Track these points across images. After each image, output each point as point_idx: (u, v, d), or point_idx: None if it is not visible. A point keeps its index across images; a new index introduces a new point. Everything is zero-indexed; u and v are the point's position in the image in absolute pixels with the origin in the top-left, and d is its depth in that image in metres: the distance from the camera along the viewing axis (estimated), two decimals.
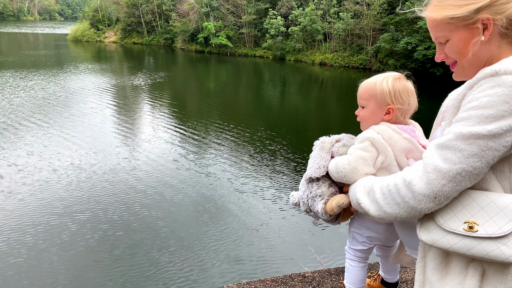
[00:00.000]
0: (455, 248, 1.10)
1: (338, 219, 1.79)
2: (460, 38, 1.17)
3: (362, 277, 1.99)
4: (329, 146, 1.77)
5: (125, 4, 53.39)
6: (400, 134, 1.61)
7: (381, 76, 1.70)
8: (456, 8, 1.14)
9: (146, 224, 7.26)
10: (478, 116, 1.02)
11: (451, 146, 1.05)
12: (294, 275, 2.54)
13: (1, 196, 8.06)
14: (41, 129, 12.85)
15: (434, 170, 1.07)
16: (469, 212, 1.09)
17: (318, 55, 34.45)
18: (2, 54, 35.92)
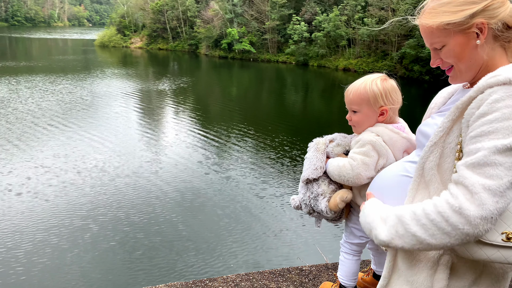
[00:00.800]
0: (492, 259, 1.08)
1: (341, 218, 1.83)
2: (456, 43, 1.19)
3: (355, 270, 2.03)
4: (323, 147, 1.80)
5: (151, 10, 54.49)
6: (399, 134, 1.66)
7: (367, 79, 1.73)
8: (451, 14, 1.17)
9: (166, 227, 7.32)
10: (506, 128, 1.01)
11: (490, 162, 1.01)
12: (291, 268, 2.59)
13: (28, 197, 8.29)
14: (67, 132, 13.18)
15: (483, 189, 1.00)
16: (505, 223, 1.07)
17: (341, 61, 34.20)
18: (33, 59, 37.16)
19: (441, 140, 1.17)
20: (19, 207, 7.85)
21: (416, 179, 1.22)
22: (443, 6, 1.19)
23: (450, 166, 1.16)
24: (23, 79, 23.62)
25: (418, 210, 1.10)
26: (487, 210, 0.99)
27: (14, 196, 8.29)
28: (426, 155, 1.20)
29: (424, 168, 1.20)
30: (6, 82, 22.27)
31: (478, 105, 1.07)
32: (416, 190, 1.22)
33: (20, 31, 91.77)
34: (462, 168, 1.06)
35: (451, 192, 1.06)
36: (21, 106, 16.62)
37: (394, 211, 1.17)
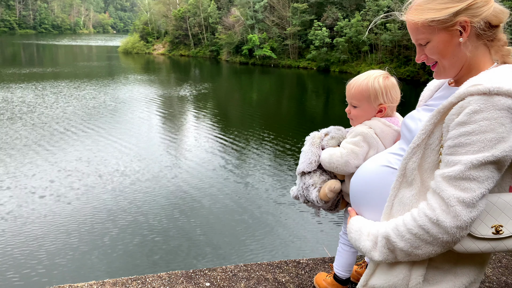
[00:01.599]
0: (483, 250, 1.19)
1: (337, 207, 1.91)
2: (440, 40, 1.24)
3: (351, 261, 2.10)
4: (318, 141, 1.88)
5: (174, 17, 55.34)
6: (390, 127, 1.73)
7: (369, 75, 1.78)
8: (436, 11, 1.20)
9: (184, 231, 7.34)
10: (482, 141, 1.08)
11: (466, 177, 1.09)
12: (289, 261, 2.68)
13: (51, 200, 8.46)
14: (91, 136, 13.44)
15: (458, 202, 1.10)
16: (493, 217, 1.17)
17: (363, 66, 33.87)
18: (59, 65, 38.20)
19: (423, 142, 1.23)
20: (42, 209, 8.03)
21: (399, 179, 1.28)
22: (429, 3, 1.22)
23: (431, 166, 1.23)
24: (49, 85, 24.28)
25: (401, 227, 1.20)
26: (461, 220, 1.10)
27: (37, 199, 8.47)
28: (409, 156, 1.25)
29: (406, 169, 1.26)
30: (33, 88, 22.93)
31: (458, 112, 1.12)
32: (398, 189, 1.28)
33: (47, 38, 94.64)
34: (439, 180, 1.14)
35: (429, 203, 1.16)
36: (46, 111, 17.07)
37: (381, 231, 1.26)
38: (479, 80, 1.13)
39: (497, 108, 1.06)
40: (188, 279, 2.39)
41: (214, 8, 50.69)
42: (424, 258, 1.19)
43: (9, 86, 23.05)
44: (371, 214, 1.43)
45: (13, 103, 18.44)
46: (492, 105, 1.06)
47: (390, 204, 1.30)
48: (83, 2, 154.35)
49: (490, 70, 1.19)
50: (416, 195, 1.24)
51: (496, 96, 1.07)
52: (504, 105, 1.06)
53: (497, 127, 1.06)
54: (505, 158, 1.08)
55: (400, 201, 1.27)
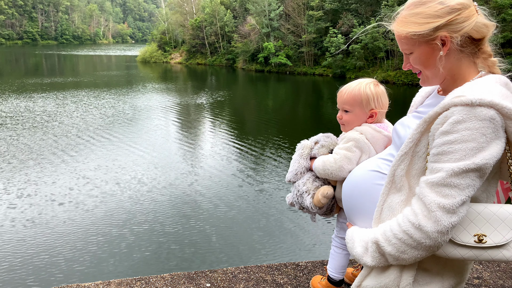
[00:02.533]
0: (465, 257, 1.23)
1: (332, 211, 1.97)
2: (422, 52, 1.29)
3: (344, 263, 2.17)
4: (307, 151, 1.95)
5: (191, 26, 56.11)
6: (381, 133, 1.79)
7: (361, 82, 1.87)
8: (418, 25, 1.25)
9: (200, 238, 7.40)
10: (463, 150, 1.12)
11: (447, 184, 1.14)
12: (288, 264, 2.72)
13: (70, 207, 8.65)
14: (109, 144, 13.70)
15: (438, 208, 1.14)
16: (476, 226, 1.20)
17: (380, 73, 33.63)
18: (79, 75, 39.10)
19: (410, 150, 1.28)
20: (61, 216, 8.20)
21: (388, 185, 1.33)
22: (412, 17, 1.27)
23: (418, 173, 1.28)
24: (70, 94, 24.87)
25: (388, 232, 1.25)
26: (442, 225, 1.14)
27: (57, 206, 8.67)
28: (397, 163, 1.30)
29: (395, 175, 1.31)
30: (54, 97, 23.51)
31: (443, 121, 1.17)
32: (387, 195, 1.33)
33: (68, 48, 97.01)
34: (423, 186, 1.19)
35: (412, 208, 1.21)
36: (66, 119, 17.48)
37: (370, 237, 1.31)
38: (462, 92, 1.18)
39: (479, 118, 1.11)
40: (189, 280, 2.47)
41: (230, 17, 51.22)
42: (411, 262, 1.24)
43: (32, 96, 23.70)
44: (362, 218, 1.48)
45: (35, 112, 18.95)
46: (474, 115, 1.11)
47: (379, 209, 1.35)
48: (103, 13, 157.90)
49: (474, 81, 1.24)
50: (405, 200, 1.29)
51: (478, 107, 1.11)
52: (486, 116, 1.11)
53: (478, 136, 1.11)
54: (485, 166, 1.12)
55: (389, 206, 1.32)
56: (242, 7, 50.88)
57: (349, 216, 1.59)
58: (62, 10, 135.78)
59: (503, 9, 24.97)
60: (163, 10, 72.78)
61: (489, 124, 1.11)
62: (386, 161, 1.47)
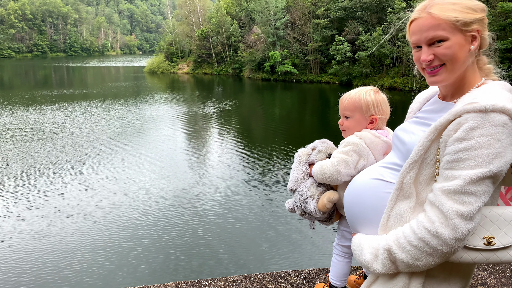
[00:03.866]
0: (475, 261, 1.23)
1: (332, 219, 2.00)
2: (456, 42, 1.27)
3: (346, 271, 2.17)
4: (305, 158, 1.97)
5: (197, 37, 56.58)
6: (380, 138, 1.82)
7: (361, 89, 1.93)
8: (461, 13, 1.26)
9: (208, 249, 7.37)
10: (480, 156, 1.13)
11: (465, 191, 1.15)
12: (291, 271, 2.72)
13: (79, 218, 8.68)
14: (117, 155, 13.78)
15: (457, 215, 1.15)
16: (485, 228, 1.22)
17: (387, 80, 33.57)
18: (88, 86, 39.54)
19: (420, 157, 1.28)
20: (69, 228, 8.24)
21: (396, 192, 1.33)
22: (451, 5, 1.28)
23: (426, 179, 1.28)
24: (78, 106, 25.13)
25: (401, 239, 1.25)
26: (460, 232, 1.15)
27: (65, 218, 8.71)
28: (407, 171, 1.30)
29: (403, 183, 1.31)
30: (63, 109, 23.78)
31: (456, 128, 1.18)
32: (395, 202, 1.33)
33: (76, 60, 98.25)
34: (439, 193, 1.20)
35: (427, 216, 1.21)
36: (76, 131, 17.64)
37: (382, 244, 1.30)
38: (473, 98, 1.20)
39: (493, 124, 1.12)
40: None
41: (236, 27, 51.58)
42: (424, 269, 1.25)
43: (41, 108, 24.00)
44: (366, 226, 1.48)
45: (44, 124, 19.17)
46: (489, 121, 1.13)
47: (386, 216, 1.35)
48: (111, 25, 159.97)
49: (482, 88, 1.27)
50: (413, 208, 1.30)
51: (491, 113, 1.13)
52: (499, 121, 1.12)
53: (493, 142, 1.12)
54: (500, 173, 1.15)
55: (396, 214, 1.32)
56: (248, 17, 51.24)
57: (352, 225, 1.58)
58: (71, 23, 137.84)
59: (510, 13, 24.85)
60: (170, 21, 73.52)
61: (503, 130, 1.12)
62: (389, 169, 1.47)
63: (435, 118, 1.31)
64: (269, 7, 44.08)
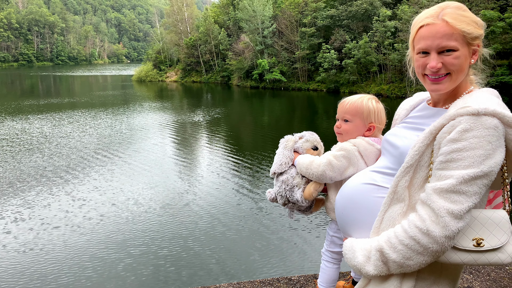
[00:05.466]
0: (465, 262, 1.26)
1: (311, 208, 2.05)
2: (464, 53, 1.32)
3: (335, 277, 2.19)
4: (291, 144, 2.01)
5: (185, 45, 56.62)
6: (373, 146, 1.83)
7: (364, 96, 1.96)
8: (470, 26, 1.31)
9: (198, 260, 7.34)
10: (472, 157, 1.18)
11: (457, 190, 1.19)
12: (281, 278, 2.72)
13: (66, 230, 8.58)
14: (106, 165, 13.68)
15: (447, 213, 1.18)
16: (474, 230, 1.25)
17: (373, 87, 33.95)
18: (76, 95, 39.22)
19: (416, 162, 1.31)
20: (56, 240, 8.13)
21: (390, 196, 1.36)
22: (463, 17, 1.32)
23: (419, 182, 1.32)
24: (66, 115, 24.90)
25: (393, 239, 1.27)
26: (449, 230, 1.18)
27: (52, 230, 8.60)
28: (402, 175, 1.33)
29: (398, 186, 1.34)
30: (50, 118, 23.54)
31: (450, 130, 1.23)
32: (389, 205, 1.36)
33: (63, 69, 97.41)
34: (430, 192, 1.23)
35: (419, 214, 1.24)
36: (63, 140, 17.47)
37: (373, 245, 1.33)
38: (466, 103, 1.26)
39: (485, 127, 1.18)
40: None
41: (224, 35, 51.80)
42: (415, 269, 1.27)
43: (28, 117, 23.72)
44: (358, 231, 1.50)
45: (31, 133, 18.94)
46: (481, 124, 1.18)
47: (380, 219, 1.38)
48: (98, 33, 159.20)
49: (472, 94, 1.33)
50: (405, 211, 1.33)
51: (484, 116, 1.18)
52: (491, 124, 1.18)
53: (485, 144, 1.17)
54: (491, 173, 1.18)
55: (389, 217, 1.35)
56: (235, 26, 51.50)
57: (343, 229, 1.60)
58: (58, 32, 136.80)
59: (492, 21, 25.41)
60: (158, 29, 73.52)
61: (494, 132, 1.18)
62: (380, 173, 1.50)
63: (428, 123, 1.35)
64: (256, 16, 44.39)
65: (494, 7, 27.63)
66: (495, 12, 25.75)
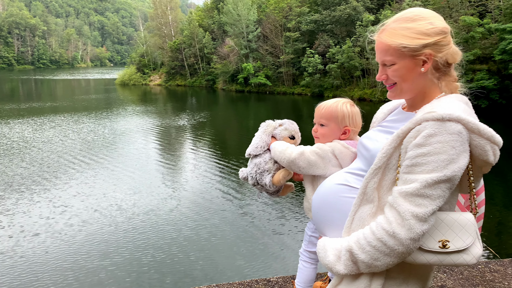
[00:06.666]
0: (431, 262, 1.31)
1: (278, 192, 2.11)
2: (404, 65, 1.37)
3: (312, 277, 2.22)
4: (270, 129, 2.10)
5: (169, 49, 56.37)
6: (348, 149, 1.87)
7: (339, 100, 2.00)
8: (409, 39, 1.34)
9: (183, 266, 7.27)
10: (435, 161, 1.21)
11: (421, 194, 1.22)
12: (260, 280, 2.75)
13: (47, 237, 8.40)
14: (88, 170, 13.46)
15: (412, 216, 1.22)
16: (440, 232, 1.29)
17: (357, 91, 34.31)
18: (58, 99, 38.60)
19: (384, 164, 1.35)
20: (37, 248, 7.93)
21: (360, 197, 1.40)
22: (403, 30, 1.35)
23: (387, 184, 1.36)
24: (48, 119, 24.47)
25: (362, 240, 1.31)
26: (414, 233, 1.22)
27: (33, 237, 8.41)
28: (371, 176, 1.38)
29: (367, 187, 1.38)
30: (32, 123, 23.11)
31: (415, 135, 1.26)
32: (359, 206, 1.40)
33: (45, 73, 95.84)
34: (397, 195, 1.27)
35: (386, 217, 1.28)
36: (44, 145, 17.15)
37: (344, 245, 1.37)
38: (432, 108, 1.29)
39: (449, 132, 1.21)
40: None
41: (209, 39, 51.73)
42: (382, 269, 1.31)
43: (8, 122, 23.24)
44: (332, 230, 1.53)
45: (11, 138, 18.55)
46: (445, 129, 1.21)
47: (350, 219, 1.42)
48: (81, 37, 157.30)
49: (440, 99, 1.35)
50: (374, 212, 1.37)
51: (448, 122, 1.21)
52: (455, 130, 1.21)
53: (448, 149, 1.21)
54: (454, 178, 1.22)
55: (359, 217, 1.39)
56: (220, 29, 51.47)
57: (319, 228, 1.63)
58: (39, 35, 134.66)
59: (472, 27, 25.99)
60: (142, 33, 73.00)
61: (458, 138, 1.21)
62: (353, 174, 1.54)
63: (398, 127, 1.38)
64: (241, 20, 44.48)
65: (473, 13, 28.27)
66: (475, 18, 26.35)
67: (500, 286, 2.95)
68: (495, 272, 3.15)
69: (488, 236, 8.24)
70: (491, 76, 24.71)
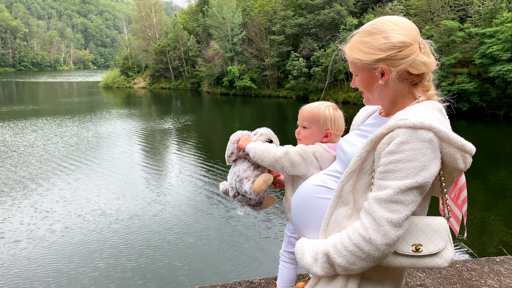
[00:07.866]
0: (404, 265, 1.35)
1: (261, 204, 2.11)
2: (364, 77, 1.44)
3: (293, 277, 2.26)
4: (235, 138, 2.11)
5: (154, 51, 56.00)
6: (329, 152, 1.91)
7: (322, 103, 2.03)
8: (363, 54, 1.39)
9: (168, 272, 7.22)
10: (408, 168, 1.24)
11: (394, 200, 1.25)
12: (242, 281, 2.79)
13: (28, 244, 8.25)
14: (71, 174, 13.27)
15: (387, 222, 1.25)
16: (414, 236, 1.33)
17: (341, 94, 34.64)
18: (40, 102, 37.96)
19: (358, 167, 1.38)
20: (18, 255, 7.77)
21: (335, 199, 1.43)
22: (361, 44, 1.40)
23: (363, 187, 1.39)
24: (29, 123, 24.04)
25: (338, 244, 1.34)
26: (390, 238, 1.25)
27: (13, 244, 8.25)
28: (346, 179, 1.41)
29: (342, 190, 1.41)
30: (13, 126, 22.67)
31: (388, 141, 1.29)
32: (334, 208, 1.43)
33: (26, 76, 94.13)
34: (372, 202, 1.30)
35: (362, 222, 1.31)
36: (26, 149, 16.84)
37: (321, 248, 1.39)
38: (406, 115, 1.32)
39: (421, 140, 1.24)
40: None
41: (194, 42, 51.57)
42: (358, 272, 1.34)
43: None
44: (310, 230, 1.57)
45: None
46: (417, 137, 1.25)
47: (326, 221, 1.45)
48: (64, 39, 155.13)
49: (415, 106, 1.38)
50: (350, 214, 1.40)
51: (420, 130, 1.25)
52: (426, 138, 1.25)
53: (420, 156, 1.24)
54: (426, 184, 1.25)
55: (335, 219, 1.42)
56: (205, 32, 51.40)
57: (297, 228, 1.66)
58: (20, 37, 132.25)
59: (453, 31, 26.52)
60: (126, 35, 72.39)
61: (429, 145, 1.25)
62: (331, 176, 1.57)
63: (374, 131, 1.41)
64: (226, 23, 44.51)
65: (454, 17, 28.85)
66: (455, 23, 26.90)
67: (477, 284, 3.06)
68: (472, 271, 3.26)
69: (468, 236, 8.40)
70: (472, 80, 25.25)
